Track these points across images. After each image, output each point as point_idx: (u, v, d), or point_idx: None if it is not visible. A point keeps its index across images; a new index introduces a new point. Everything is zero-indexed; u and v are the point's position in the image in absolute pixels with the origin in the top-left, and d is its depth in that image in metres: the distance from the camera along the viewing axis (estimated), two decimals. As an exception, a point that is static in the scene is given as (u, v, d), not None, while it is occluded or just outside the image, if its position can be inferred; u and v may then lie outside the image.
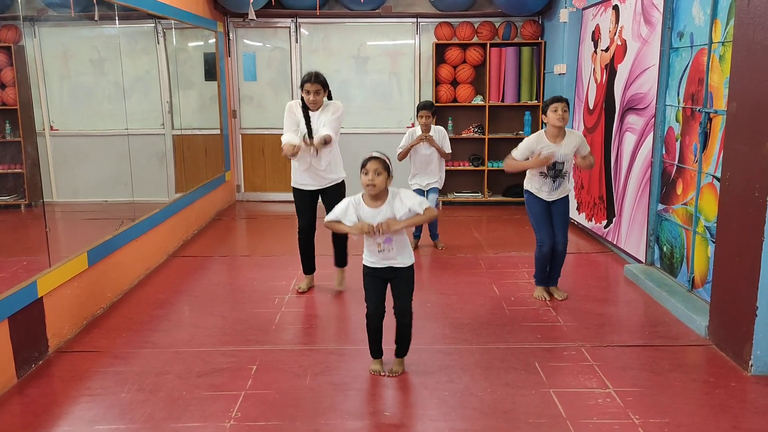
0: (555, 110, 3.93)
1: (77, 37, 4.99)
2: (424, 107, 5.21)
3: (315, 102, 4.09)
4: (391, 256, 3.08)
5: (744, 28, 3.22)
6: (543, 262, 4.22)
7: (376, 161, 2.98)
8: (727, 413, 2.83)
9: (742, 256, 3.22)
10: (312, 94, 4.05)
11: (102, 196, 5.15)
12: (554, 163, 3.99)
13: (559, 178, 4.04)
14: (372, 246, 3.08)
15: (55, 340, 3.54)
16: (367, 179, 2.98)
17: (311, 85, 4.05)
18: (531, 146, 4.01)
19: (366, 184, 2.99)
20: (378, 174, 2.97)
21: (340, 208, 3.11)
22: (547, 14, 7.10)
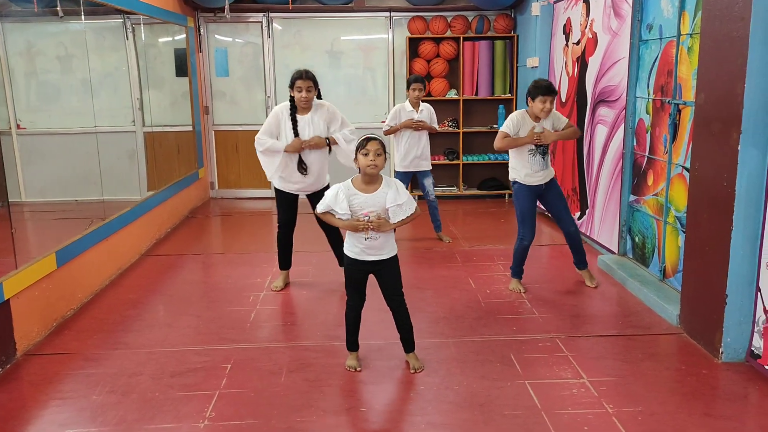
0: (544, 102, 3.96)
1: (42, 33, 4.87)
2: (416, 80, 5.27)
3: (307, 99, 4.03)
4: (376, 247, 3.03)
5: (711, 20, 3.26)
6: (521, 255, 4.25)
7: (376, 141, 2.92)
8: (698, 400, 2.87)
9: (711, 245, 3.27)
10: (304, 90, 4.01)
11: (71, 196, 5.05)
12: None
13: (546, 154, 4.10)
14: (359, 234, 3.01)
15: (24, 343, 3.46)
16: (368, 160, 2.91)
17: (303, 82, 4.01)
18: (518, 123, 4.06)
19: (367, 165, 2.92)
20: (378, 155, 2.91)
21: (329, 196, 3.02)
22: (519, 8, 7.13)
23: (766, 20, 2.93)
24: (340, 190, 3.00)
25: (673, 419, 2.71)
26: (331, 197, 3.01)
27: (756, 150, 3.02)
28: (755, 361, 3.12)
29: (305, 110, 4.13)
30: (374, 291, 3.20)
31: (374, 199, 2.98)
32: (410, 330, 3.20)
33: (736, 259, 3.12)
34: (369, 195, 2.99)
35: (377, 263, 3.07)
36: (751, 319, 3.16)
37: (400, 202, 2.99)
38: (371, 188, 3.00)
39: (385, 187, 3.01)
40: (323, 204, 3.06)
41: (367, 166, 2.93)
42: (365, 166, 2.93)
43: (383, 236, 3.03)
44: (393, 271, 3.12)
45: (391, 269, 3.11)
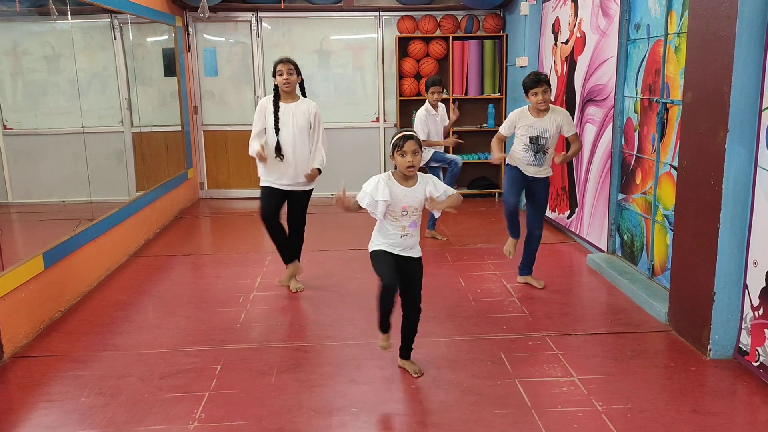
0: (536, 94, 3.94)
1: (29, 32, 4.83)
2: (435, 83, 5.34)
3: (288, 82, 3.98)
4: (410, 245, 3.01)
5: (698, 19, 3.29)
6: (511, 217, 4.25)
7: (413, 141, 2.87)
8: (687, 397, 2.89)
9: (699, 243, 3.29)
10: (285, 73, 3.97)
11: (59, 197, 5.00)
12: (537, 137, 4.01)
13: (541, 153, 4.05)
14: (395, 231, 2.96)
15: (11, 346, 3.43)
16: (406, 160, 2.86)
17: (284, 65, 3.98)
18: (513, 121, 4.07)
19: (406, 166, 2.87)
20: (415, 153, 2.88)
21: (370, 186, 2.93)
22: (508, 7, 7.15)
23: (752, 19, 2.96)
24: (381, 180, 2.93)
25: (662, 416, 2.73)
26: (372, 187, 2.92)
27: (743, 148, 3.04)
28: (743, 357, 3.15)
29: (288, 96, 4.07)
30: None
31: (413, 193, 2.95)
32: (413, 337, 3.18)
33: (724, 257, 3.14)
34: (408, 189, 2.95)
35: (406, 260, 3.04)
36: (738, 317, 3.18)
37: (442, 190, 2.98)
38: (410, 183, 2.97)
39: (422, 182, 2.99)
40: (364, 199, 2.93)
41: (406, 168, 2.89)
42: (404, 167, 2.89)
43: (416, 234, 3.03)
44: (419, 271, 3.09)
45: (418, 269, 3.08)
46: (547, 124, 4.02)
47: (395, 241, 3.00)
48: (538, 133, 4.02)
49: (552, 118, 4.02)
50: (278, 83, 4.04)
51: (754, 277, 3.05)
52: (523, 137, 4.06)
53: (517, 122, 4.06)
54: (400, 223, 2.96)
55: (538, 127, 4.01)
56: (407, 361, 3.20)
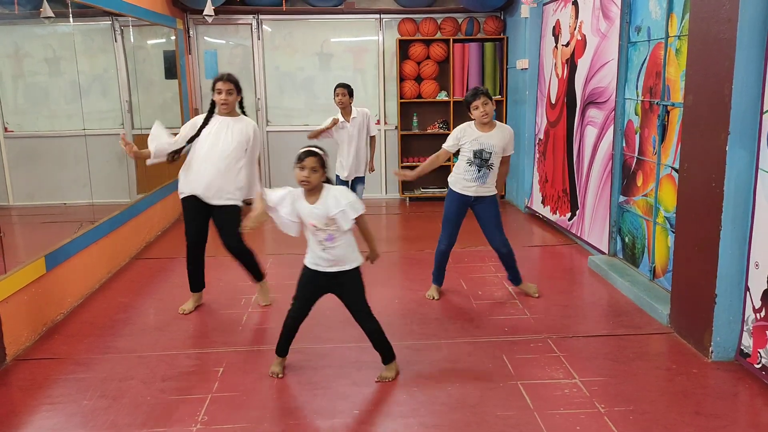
0: (476, 108, 3.83)
1: (30, 35, 4.84)
2: (340, 85, 5.20)
3: (226, 102, 3.76)
4: (334, 258, 2.96)
5: (699, 22, 3.29)
6: (439, 260, 4.15)
7: (313, 158, 2.87)
8: (689, 399, 2.89)
9: (700, 245, 3.30)
10: (224, 93, 3.75)
11: (60, 199, 5.01)
12: (480, 151, 3.87)
13: (485, 168, 3.90)
14: (314, 245, 2.97)
15: (13, 348, 3.43)
16: (303, 175, 2.87)
17: (223, 84, 3.75)
18: (457, 135, 3.92)
19: (300, 180, 2.89)
20: (314, 171, 2.87)
21: (277, 194, 2.97)
22: (508, 10, 7.16)
23: (753, 22, 2.96)
24: (289, 193, 2.96)
25: (664, 418, 2.73)
26: (278, 196, 2.96)
27: (744, 151, 3.05)
28: (745, 359, 3.15)
29: (224, 112, 3.82)
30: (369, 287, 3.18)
31: (317, 210, 2.91)
32: (388, 346, 3.11)
33: (725, 259, 3.15)
34: (312, 206, 2.93)
35: (337, 276, 3.00)
36: (740, 318, 3.19)
37: (344, 208, 2.89)
38: (313, 199, 2.94)
39: (324, 197, 2.92)
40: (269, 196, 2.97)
41: (300, 182, 2.90)
42: (298, 180, 2.90)
43: (341, 246, 2.96)
44: (354, 284, 3.04)
45: (350, 284, 3.03)
46: (494, 140, 3.89)
47: (317, 255, 2.98)
48: (482, 147, 3.87)
49: (499, 134, 3.91)
50: (216, 102, 3.79)
51: (756, 279, 3.06)
52: (466, 152, 3.91)
53: (462, 136, 3.91)
54: (317, 237, 2.95)
55: (483, 141, 3.87)
56: (387, 365, 3.14)
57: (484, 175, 3.92)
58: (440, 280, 4.25)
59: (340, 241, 2.95)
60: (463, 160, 3.95)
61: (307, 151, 2.90)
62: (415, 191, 7.49)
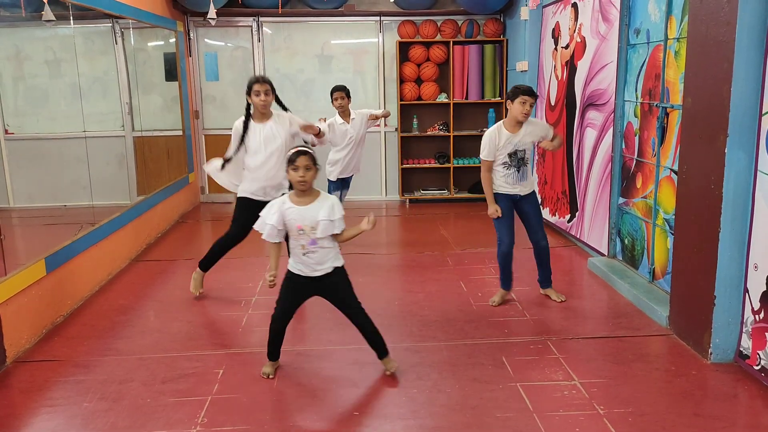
0: (524, 103, 3.80)
1: (31, 37, 4.85)
2: (337, 89, 5.20)
3: (265, 102, 3.96)
4: (316, 261, 2.98)
5: (697, 24, 3.30)
6: (504, 261, 4.12)
7: (305, 156, 2.90)
8: (688, 401, 2.89)
9: (699, 247, 3.30)
10: (262, 94, 3.95)
11: (60, 201, 5.02)
12: (515, 152, 3.90)
13: (522, 165, 3.96)
14: (297, 250, 2.98)
15: (13, 350, 3.43)
16: (299, 175, 2.90)
17: (260, 86, 3.94)
18: (493, 143, 3.92)
19: (297, 181, 2.91)
20: (308, 169, 2.90)
21: (265, 210, 3.02)
22: (508, 12, 7.18)
23: (751, 24, 2.97)
24: (276, 203, 3.00)
25: (663, 420, 2.73)
26: (266, 210, 3.01)
27: (743, 153, 3.06)
28: (744, 361, 3.15)
29: (264, 116, 4.05)
30: (361, 296, 3.19)
31: (309, 212, 2.94)
32: (375, 337, 3.14)
33: (724, 261, 3.15)
34: (302, 208, 2.95)
35: (321, 279, 3.02)
36: (739, 320, 3.19)
37: (333, 218, 2.94)
38: (305, 200, 2.96)
39: (321, 202, 2.97)
40: (258, 222, 3.01)
41: (297, 182, 2.92)
42: (294, 181, 2.94)
43: (323, 250, 2.98)
44: (341, 283, 3.06)
45: (337, 283, 3.06)
46: (523, 138, 3.91)
47: (300, 261, 3.00)
48: (516, 148, 3.90)
49: (527, 130, 3.92)
50: (254, 103, 3.99)
51: (755, 281, 3.06)
52: (501, 157, 3.92)
53: (497, 142, 3.90)
54: (299, 241, 2.96)
55: (515, 142, 3.90)
56: (384, 359, 3.18)
57: (523, 174, 3.99)
58: (508, 284, 4.18)
59: (322, 244, 2.98)
60: (498, 166, 3.96)
61: (298, 152, 2.93)
62: (415, 193, 7.50)
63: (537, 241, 4.12)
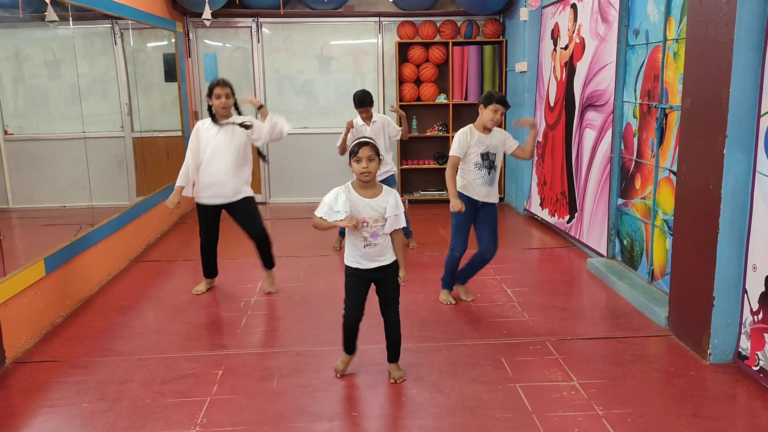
0: (495, 111, 3.82)
1: (30, 38, 4.85)
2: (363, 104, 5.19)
3: (225, 106, 4.10)
4: (377, 253, 2.99)
5: (696, 25, 3.31)
6: (452, 266, 4.13)
7: (368, 147, 2.89)
8: (687, 401, 2.90)
9: (698, 248, 3.31)
10: (223, 97, 4.09)
11: (60, 202, 5.02)
12: (487, 153, 3.90)
13: (492, 170, 3.95)
14: (358, 242, 2.96)
15: (13, 351, 3.43)
16: (362, 167, 2.87)
17: (221, 88, 4.10)
18: (466, 141, 3.90)
19: (361, 172, 2.88)
20: (371, 160, 2.89)
21: (329, 198, 2.92)
22: (507, 13, 7.18)
23: (750, 25, 2.98)
24: (340, 191, 2.94)
25: (662, 420, 2.74)
26: (331, 198, 2.92)
27: (741, 154, 3.06)
28: (742, 362, 3.16)
29: (223, 117, 4.17)
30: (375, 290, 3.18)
31: (374, 204, 2.94)
32: (398, 341, 3.17)
33: (723, 262, 3.16)
34: (369, 200, 2.94)
35: (379, 270, 3.03)
36: (738, 321, 3.19)
37: (398, 212, 2.97)
38: (370, 193, 2.96)
39: (385, 195, 2.98)
40: (322, 209, 2.93)
41: (361, 173, 2.90)
42: (358, 173, 2.91)
43: (381, 241, 2.99)
44: (394, 278, 3.08)
45: (392, 277, 3.07)
46: (495, 141, 3.94)
47: (360, 253, 2.99)
48: (488, 150, 3.91)
49: (497, 134, 3.95)
50: (214, 106, 4.12)
51: (754, 282, 3.07)
52: (473, 155, 3.92)
53: (470, 140, 3.90)
54: (361, 233, 2.95)
55: (487, 143, 3.91)
56: (393, 364, 3.19)
57: (492, 178, 3.98)
58: (451, 285, 4.23)
59: (382, 238, 2.99)
60: (470, 165, 3.95)
61: (360, 143, 2.91)
62: (415, 194, 7.50)
63: (486, 251, 4.05)
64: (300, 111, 7.57)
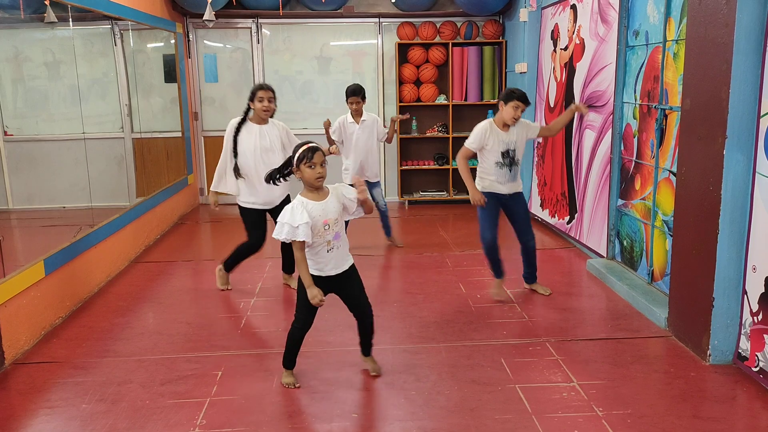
0: (516, 108, 3.86)
1: (30, 39, 4.85)
2: (354, 93, 5.19)
3: (268, 109, 4.15)
4: (339, 257, 2.98)
5: (696, 26, 3.31)
6: (489, 255, 4.16)
7: (320, 152, 2.89)
8: (687, 402, 2.90)
9: (698, 248, 3.30)
10: (266, 100, 4.14)
11: (59, 203, 5.01)
12: (508, 151, 3.94)
13: (514, 165, 3.99)
14: (321, 248, 2.93)
15: (12, 352, 3.43)
16: (317, 172, 2.86)
17: (265, 92, 4.13)
18: (484, 136, 3.94)
19: (316, 177, 2.87)
20: (323, 165, 2.89)
21: (286, 216, 2.85)
22: (507, 14, 7.18)
23: (750, 26, 2.98)
24: (295, 205, 2.89)
25: (662, 421, 2.73)
26: (288, 217, 2.87)
27: (741, 155, 3.06)
28: (742, 363, 3.16)
29: (263, 121, 4.22)
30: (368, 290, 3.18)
31: (328, 205, 2.92)
32: (371, 334, 3.20)
33: (723, 263, 3.16)
34: (322, 203, 2.91)
35: (340, 277, 3.02)
36: (738, 322, 3.19)
37: (351, 196, 2.97)
38: (320, 197, 2.93)
39: (333, 192, 2.96)
40: (282, 230, 2.87)
41: (316, 179, 2.87)
42: (312, 178, 2.87)
43: (343, 244, 3.00)
44: (356, 279, 3.09)
45: (353, 278, 3.08)
46: (515, 137, 3.96)
47: (325, 260, 2.96)
48: (508, 147, 3.93)
49: (517, 129, 3.97)
50: (257, 109, 4.16)
51: (753, 283, 3.06)
52: (493, 155, 3.94)
53: (488, 136, 3.92)
54: (324, 238, 2.92)
55: (507, 141, 3.93)
56: (368, 358, 3.21)
57: (514, 174, 4.01)
58: (500, 273, 4.23)
59: (343, 238, 3.00)
60: (490, 163, 3.97)
61: (312, 148, 2.89)
62: (414, 194, 7.50)
63: (526, 241, 4.17)
64: (300, 112, 7.57)
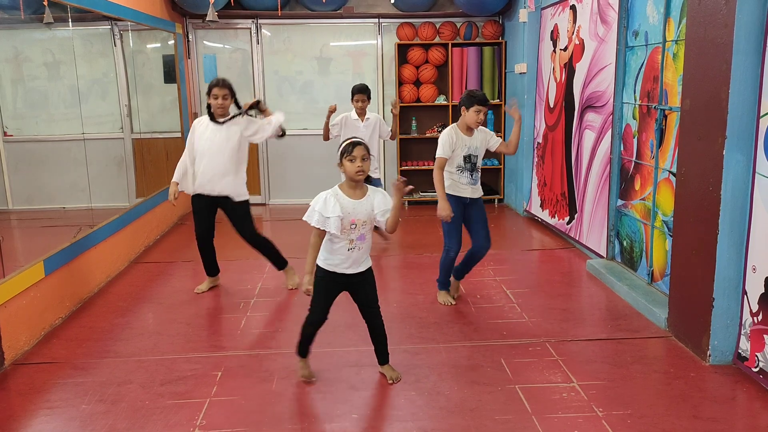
0: (478, 112, 3.84)
1: (30, 39, 4.85)
2: (360, 91, 5.20)
3: (222, 106, 4.17)
4: (358, 258, 2.97)
5: (696, 27, 3.31)
6: (448, 267, 4.14)
7: (362, 147, 2.86)
8: (687, 403, 2.90)
9: (698, 249, 3.30)
10: (220, 98, 4.15)
11: (59, 203, 5.01)
12: (469, 156, 3.93)
13: (475, 171, 3.98)
14: (342, 244, 2.92)
15: (12, 353, 3.43)
16: (356, 166, 2.83)
17: (219, 90, 4.16)
18: (452, 141, 3.91)
19: (356, 171, 2.84)
20: (364, 160, 2.85)
21: (319, 202, 2.86)
22: (507, 14, 7.18)
23: (749, 27, 2.98)
24: (329, 195, 2.89)
25: (662, 422, 2.73)
26: (320, 204, 2.87)
27: (741, 155, 3.06)
28: (742, 363, 3.16)
29: (221, 116, 4.25)
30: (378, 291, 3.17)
31: (362, 206, 2.90)
32: (385, 342, 3.16)
33: (723, 263, 3.16)
34: (357, 201, 2.90)
35: (355, 276, 3.01)
36: (737, 322, 3.19)
37: (387, 206, 2.93)
38: (357, 194, 2.92)
39: (372, 193, 2.95)
40: (312, 216, 2.87)
41: (356, 173, 2.85)
42: (353, 172, 2.85)
43: (367, 246, 2.98)
44: (371, 283, 3.07)
45: (368, 281, 3.06)
46: (477, 142, 3.97)
47: (343, 257, 2.94)
48: (470, 152, 3.94)
49: (478, 135, 3.98)
50: (212, 106, 4.21)
51: (753, 283, 3.07)
52: (457, 158, 3.94)
53: (456, 141, 3.91)
54: (348, 236, 2.91)
55: (470, 145, 3.94)
56: (386, 366, 3.19)
57: (475, 178, 4.01)
58: (448, 285, 4.24)
59: (368, 241, 2.98)
60: (453, 167, 3.96)
61: (354, 142, 2.88)
62: (414, 195, 7.50)
63: (480, 248, 4.06)
64: (299, 112, 7.57)
